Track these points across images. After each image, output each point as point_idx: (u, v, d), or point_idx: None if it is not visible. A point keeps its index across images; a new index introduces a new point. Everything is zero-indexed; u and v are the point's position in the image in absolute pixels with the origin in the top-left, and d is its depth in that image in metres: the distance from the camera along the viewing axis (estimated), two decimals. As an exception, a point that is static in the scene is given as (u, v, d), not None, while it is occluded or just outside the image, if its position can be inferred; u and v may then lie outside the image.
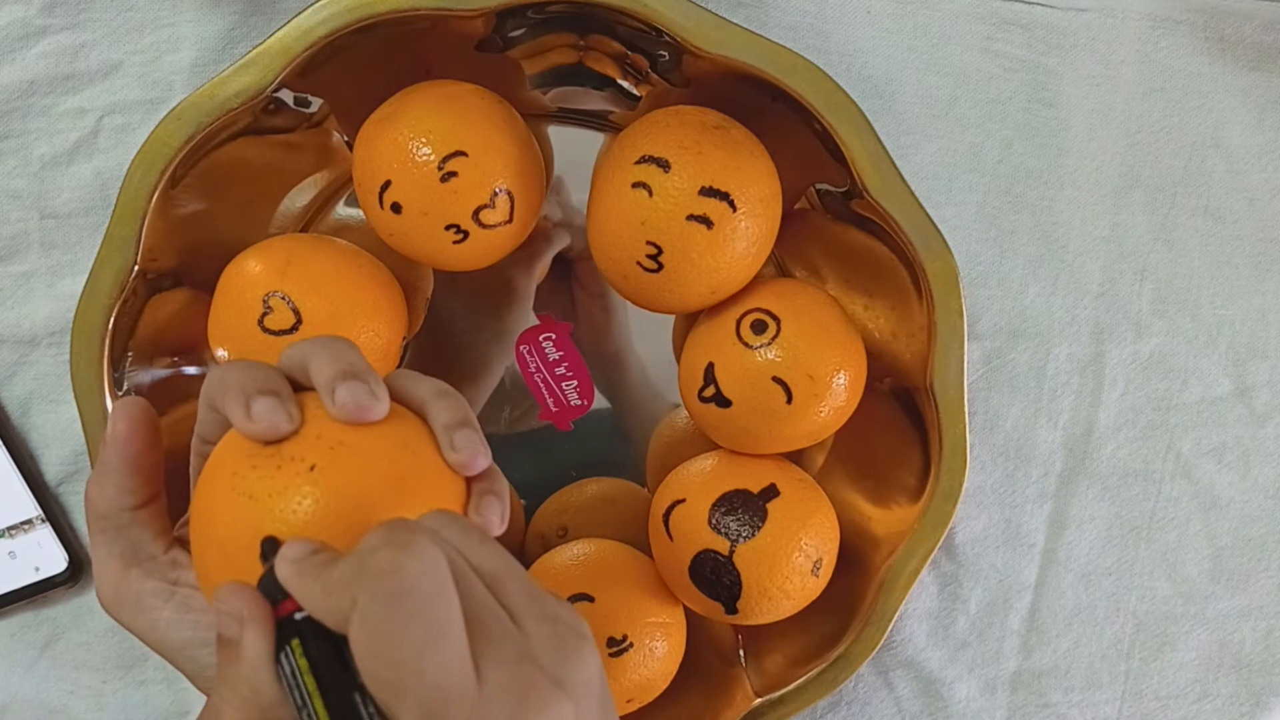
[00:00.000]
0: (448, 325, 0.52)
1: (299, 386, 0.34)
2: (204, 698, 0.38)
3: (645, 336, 0.52)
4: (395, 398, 0.35)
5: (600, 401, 0.52)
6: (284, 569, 0.30)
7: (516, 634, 0.30)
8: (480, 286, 0.52)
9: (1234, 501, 0.54)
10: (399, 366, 0.48)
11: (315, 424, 0.33)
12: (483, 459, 0.34)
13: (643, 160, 0.43)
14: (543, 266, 0.52)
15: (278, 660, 0.30)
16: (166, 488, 0.39)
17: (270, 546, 0.31)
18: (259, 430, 0.32)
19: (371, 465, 0.32)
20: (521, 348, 0.52)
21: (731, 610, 0.46)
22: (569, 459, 0.53)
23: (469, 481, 0.35)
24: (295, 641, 0.29)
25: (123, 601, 0.37)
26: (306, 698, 0.29)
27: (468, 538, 0.32)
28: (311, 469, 0.32)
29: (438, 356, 0.52)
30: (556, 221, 0.52)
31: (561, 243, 0.52)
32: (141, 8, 0.49)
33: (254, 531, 0.32)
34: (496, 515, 0.34)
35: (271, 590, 0.30)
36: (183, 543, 0.38)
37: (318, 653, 0.29)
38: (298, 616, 0.30)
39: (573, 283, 0.52)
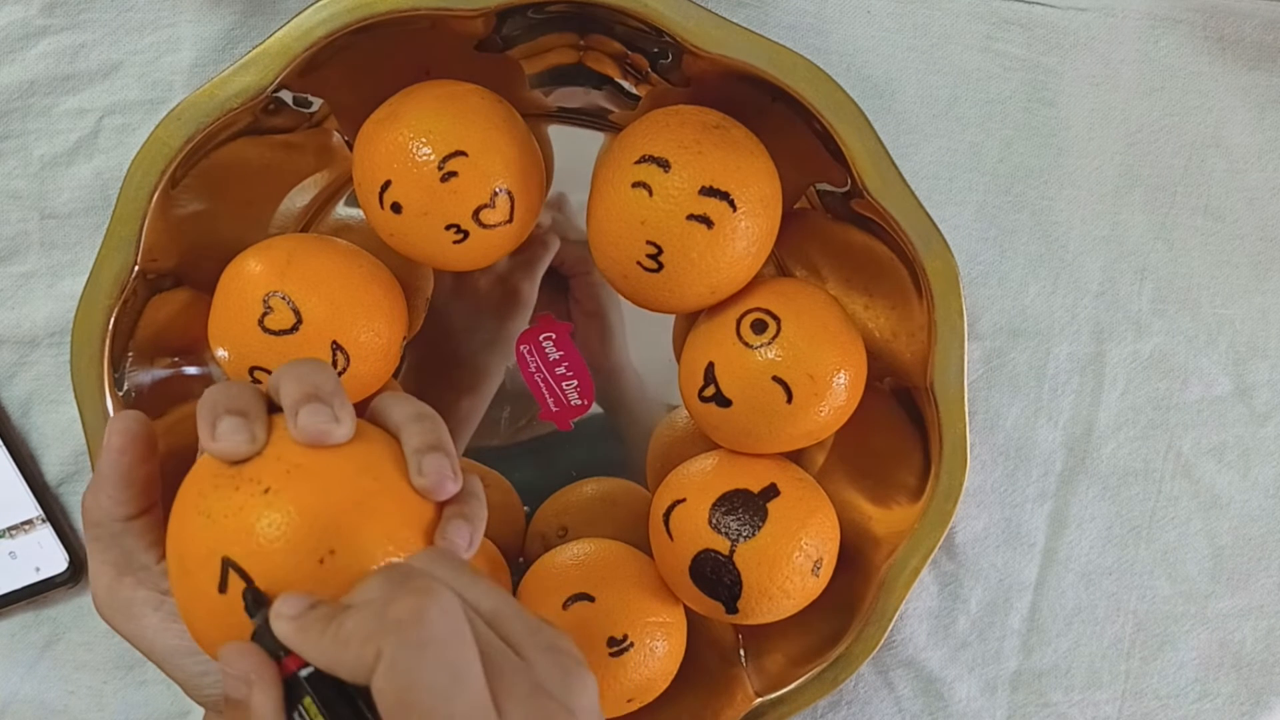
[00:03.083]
0: (448, 327, 0.52)
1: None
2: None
3: (645, 337, 0.52)
4: (375, 420, 0.35)
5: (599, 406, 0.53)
6: (284, 627, 0.30)
7: (525, 667, 0.31)
8: (482, 296, 0.52)
9: (1234, 501, 0.54)
10: (399, 368, 0.48)
11: (278, 445, 0.33)
12: (450, 484, 0.34)
13: (643, 160, 0.43)
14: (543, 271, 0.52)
15: (289, 719, 0.30)
16: (163, 496, 0.39)
17: (252, 597, 0.31)
18: (219, 450, 0.33)
19: (327, 489, 0.32)
20: (522, 348, 0.52)
21: (732, 610, 0.46)
22: (569, 461, 0.53)
23: (441, 505, 0.34)
24: (307, 700, 0.29)
25: (115, 607, 0.38)
26: None
27: (461, 576, 0.32)
28: (266, 491, 0.32)
29: (438, 359, 0.52)
30: (560, 236, 0.52)
31: (556, 246, 0.52)
32: (141, 8, 0.49)
33: (209, 551, 0.32)
34: (464, 540, 0.34)
35: (268, 644, 0.30)
36: None
37: (333, 707, 0.29)
38: (304, 674, 0.30)
39: (569, 300, 0.52)
